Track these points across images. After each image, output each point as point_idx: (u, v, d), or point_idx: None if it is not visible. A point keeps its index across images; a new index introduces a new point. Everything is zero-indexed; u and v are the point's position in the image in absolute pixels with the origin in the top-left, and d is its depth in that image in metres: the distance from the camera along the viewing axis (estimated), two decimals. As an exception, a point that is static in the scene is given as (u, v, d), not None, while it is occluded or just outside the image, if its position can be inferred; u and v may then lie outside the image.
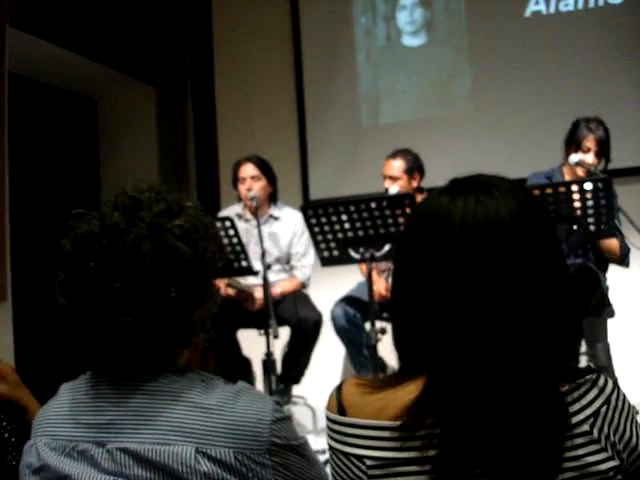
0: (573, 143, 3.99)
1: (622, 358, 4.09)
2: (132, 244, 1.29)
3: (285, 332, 4.38)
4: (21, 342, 4.54)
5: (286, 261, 4.70)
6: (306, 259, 4.64)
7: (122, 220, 1.31)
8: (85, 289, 1.30)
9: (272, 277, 4.39)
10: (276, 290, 4.37)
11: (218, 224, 3.92)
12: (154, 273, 1.28)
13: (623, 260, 4.00)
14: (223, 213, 4.82)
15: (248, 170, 4.58)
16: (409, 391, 1.12)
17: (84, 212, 1.36)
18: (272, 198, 4.72)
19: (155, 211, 1.33)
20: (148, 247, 1.29)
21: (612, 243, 3.94)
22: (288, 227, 4.66)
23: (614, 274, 4.12)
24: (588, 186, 3.45)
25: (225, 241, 3.99)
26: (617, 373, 3.78)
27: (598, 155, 3.97)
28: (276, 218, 4.71)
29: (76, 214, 1.36)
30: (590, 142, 3.95)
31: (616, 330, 4.10)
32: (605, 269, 4.04)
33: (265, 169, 4.61)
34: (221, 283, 4.22)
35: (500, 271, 1.10)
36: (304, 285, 4.64)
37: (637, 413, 1.15)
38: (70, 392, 1.38)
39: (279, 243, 4.64)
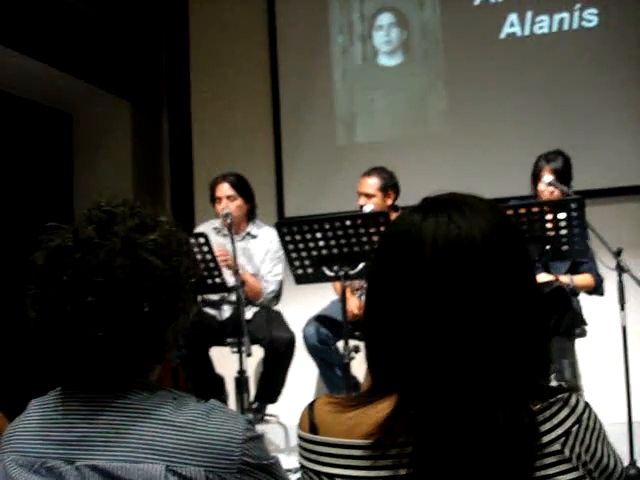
0: (534, 176, 4.18)
1: (593, 377, 4.12)
2: (105, 258, 1.28)
3: (258, 350, 4.36)
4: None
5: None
6: (271, 275, 4.60)
7: (96, 234, 1.30)
8: (57, 303, 1.29)
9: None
10: (243, 275, 4.29)
11: (192, 240, 3.90)
12: (127, 288, 1.27)
13: (598, 290, 4.07)
14: (201, 227, 4.79)
15: (223, 190, 4.55)
16: (381, 409, 1.12)
17: (57, 225, 1.35)
18: (250, 215, 4.70)
19: (129, 225, 1.32)
20: (121, 261, 1.28)
21: (586, 280, 4.01)
22: (263, 245, 4.63)
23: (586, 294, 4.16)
24: (562, 216, 3.51)
25: (199, 257, 3.97)
26: (589, 392, 3.80)
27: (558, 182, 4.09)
28: (253, 236, 4.67)
29: (49, 227, 1.35)
30: (547, 171, 4.09)
31: (588, 350, 4.12)
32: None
33: (241, 188, 4.58)
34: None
35: (471, 290, 1.10)
36: (262, 296, 4.54)
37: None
38: (39, 408, 1.37)
39: (253, 260, 4.62)
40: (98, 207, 1.36)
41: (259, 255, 4.63)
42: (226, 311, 4.59)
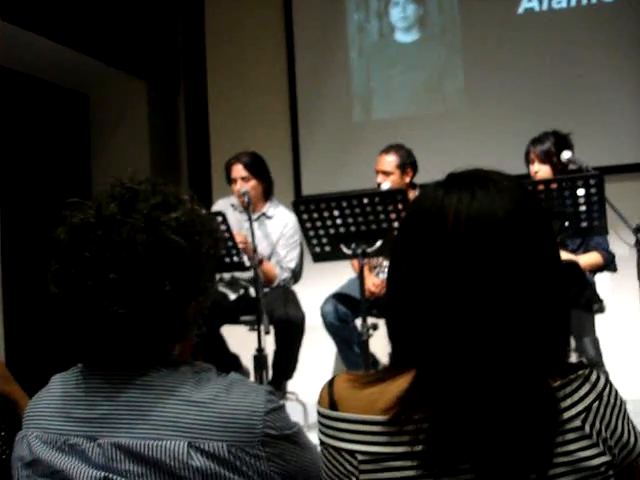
0: (525, 159, 4.23)
1: (613, 354, 4.10)
2: (128, 235, 1.28)
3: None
4: (11, 336, 4.53)
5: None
6: (285, 261, 4.58)
7: (118, 211, 1.30)
8: (79, 279, 1.29)
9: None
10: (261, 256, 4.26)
11: (210, 219, 3.89)
12: (149, 265, 1.27)
13: (609, 267, 4.04)
14: (219, 203, 4.80)
15: (238, 171, 4.53)
16: (399, 385, 1.12)
17: (80, 201, 1.35)
18: (266, 194, 4.67)
19: (152, 203, 1.32)
20: (144, 239, 1.28)
21: (593, 259, 3.98)
22: (277, 228, 4.62)
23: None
24: (581, 192, 3.49)
25: (216, 236, 3.96)
26: (610, 369, 3.79)
27: (542, 163, 4.12)
28: (269, 217, 4.65)
29: (72, 203, 1.35)
30: (533, 154, 4.17)
31: (608, 327, 4.11)
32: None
33: (255, 168, 4.55)
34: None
35: (492, 266, 1.09)
36: (275, 281, 4.51)
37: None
38: (62, 384, 1.38)
39: (269, 238, 4.62)
40: (121, 184, 1.36)
41: (275, 235, 4.62)
42: (239, 290, 4.60)
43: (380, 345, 3.91)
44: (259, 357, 4.03)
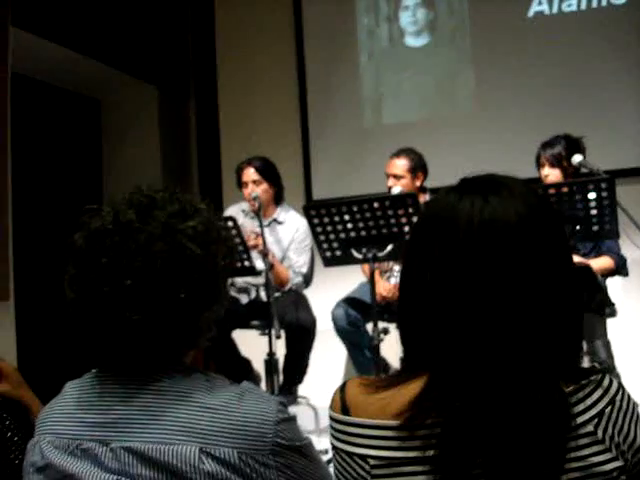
0: (536, 162, 4.20)
1: (625, 359, 4.09)
2: (145, 242, 1.29)
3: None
4: (23, 341, 4.54)
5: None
6: (297, 265, 4.58)
7: (136, 218, 1.32)
8: (95, 285, 1.30)
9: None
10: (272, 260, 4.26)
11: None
12: (165, 273, 1.28)
13: (621, 271, 4.02)
14: (230, 209, 4.80)
15: (249, 174, 4.54)
16: (412, 389, 1.12)
17: (98, 207, 1.36)
18: (277, 199, 4.69)
19: (169, 211, 1.34)
20: (160, 247, 1.29)
21: (604, 263, 3.96)
22: (289, 232, 4.62)
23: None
24: (592, 196, 3.48)
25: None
26: (622, 373, 3.77)
27: (552, 166, 4.09)
28: (280, 222, 4.66)
29: (90, 209, 1.36)
30: (543, 158, 4.13)
31: (620, 331, 4.09)
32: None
33: (266, 172, 4.56)
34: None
35: (505, 271, 1.09)
36: (288, 285, 4.52)
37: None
38: (75, 390, 1.38)
39: (281, 243, 4.62)
40: (139, 191, 1.37)
41: (286, 240, 4.62)
42: (250, 294, 4.61)
43: (391, 350, 3.90)
44: (270, 361, 4.04)
